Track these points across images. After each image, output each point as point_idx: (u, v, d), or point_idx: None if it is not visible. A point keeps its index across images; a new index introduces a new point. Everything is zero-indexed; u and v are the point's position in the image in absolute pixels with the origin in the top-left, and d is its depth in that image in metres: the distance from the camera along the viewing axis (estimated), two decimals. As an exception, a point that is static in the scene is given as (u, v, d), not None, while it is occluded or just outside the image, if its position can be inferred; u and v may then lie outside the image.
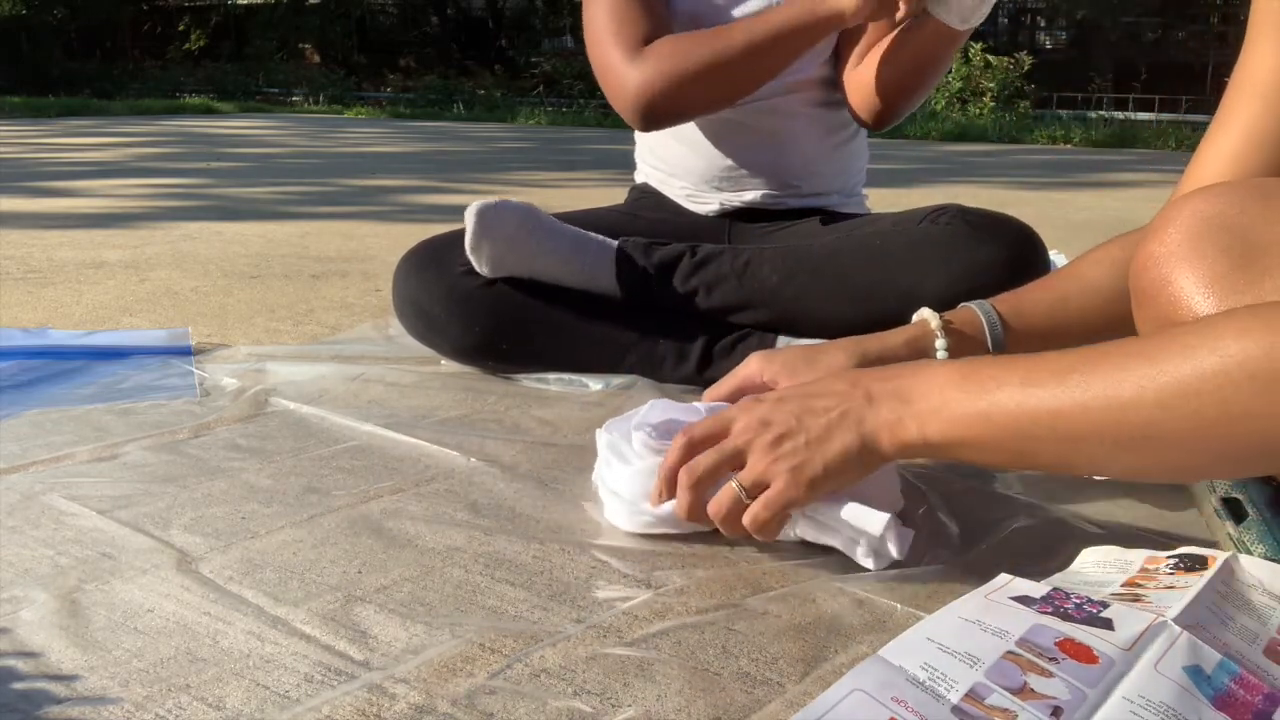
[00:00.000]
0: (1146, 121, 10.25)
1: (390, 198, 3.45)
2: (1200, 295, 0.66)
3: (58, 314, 1.59)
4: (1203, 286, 0.66)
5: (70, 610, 0.67)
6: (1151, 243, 0.70)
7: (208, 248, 2.28)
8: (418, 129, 9.00)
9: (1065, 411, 0.62)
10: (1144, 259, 0.70)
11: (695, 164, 1.38)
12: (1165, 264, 0.68)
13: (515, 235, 1.22)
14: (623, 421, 0.87)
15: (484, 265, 1.23)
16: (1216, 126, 0.79)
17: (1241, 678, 0.53)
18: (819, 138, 1.37)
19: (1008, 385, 0.64)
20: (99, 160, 4.89)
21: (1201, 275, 0.66)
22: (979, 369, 0.67)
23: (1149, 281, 0.69)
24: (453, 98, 13.41)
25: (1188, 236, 0.67)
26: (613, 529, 0.82)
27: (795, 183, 1.37)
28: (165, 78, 16.86)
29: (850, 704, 0.51)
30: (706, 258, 1.24)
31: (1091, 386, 0.61)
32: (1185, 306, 0.66)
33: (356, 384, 1.23)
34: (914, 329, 0.91)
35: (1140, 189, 4.41)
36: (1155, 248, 0.69)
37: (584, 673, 0.61)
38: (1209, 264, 0.66)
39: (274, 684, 0.59)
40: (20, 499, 0.86)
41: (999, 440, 0.65)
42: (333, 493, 0.89)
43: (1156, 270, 0.69)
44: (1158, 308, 0.69)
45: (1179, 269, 0.67)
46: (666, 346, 1.21)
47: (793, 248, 1.24)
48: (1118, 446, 0.61)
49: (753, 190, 1.38)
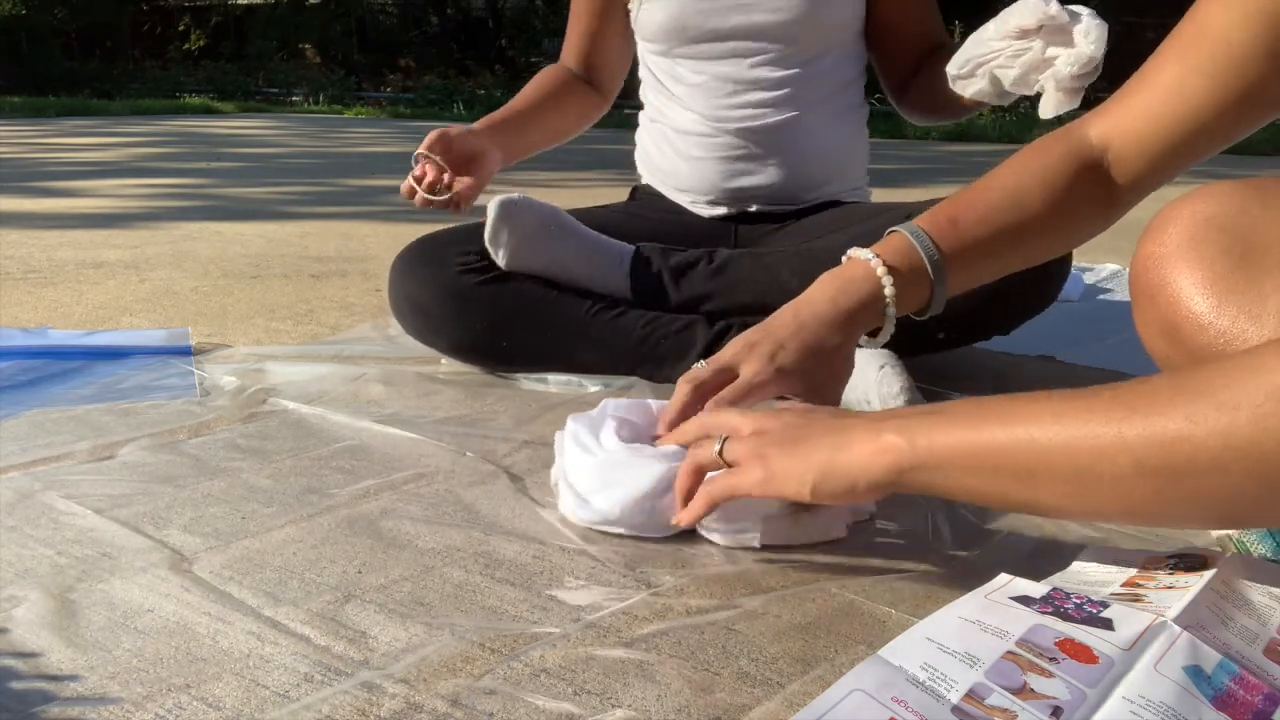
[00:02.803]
0: (1147, 122, 10.21)
1: (390, 198, 3.44)
2: (1200, 296, 0.66)
3: (58, 314, 1.59)
4: (1203, 287, 0.66)
5: (69, 610, 0.67)
6: (1151, 243, 0.70)
7: (208, 248, 2.28)
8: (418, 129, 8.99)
9: None
10: (1143, 260, 0.70)
11: (698, 182, 1.38)
12: (1165, 265, 0.68)
13: (536, 232, 1.23)
14: (585, 417, 0.89)
15: (502, 257, 1.23)
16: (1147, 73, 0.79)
17: (1241, 678, 0.53)
18: (830, 127, 1.36)
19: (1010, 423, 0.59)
20: (99, 160, 4.89)
21: (1201, 276, 0.66)
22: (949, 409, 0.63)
23: (1149, 282, 0.69)
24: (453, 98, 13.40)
25: (1187, 237, 0.67)
26: (612, 529, 0.82)
27: (803, 187, 1.37)
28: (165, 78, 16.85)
29: (850, 704, 0.51)
30: (725, 262, 1.25)
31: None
32: (1185, 307, 0.66)
33: (356, 384, 1.23)
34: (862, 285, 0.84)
35: (1140, 189, 4.40)
36: (1155, 248, 0.69)
37: (583, 673, 0.61)
38: (1209, 264, 0.66)
39: (273, 683, 0.59)
40: (19, 498, 0.86)
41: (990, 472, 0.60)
42: (332, 492, 0.89)
43: (1156, 271, 0.69)
44: (1157, 309, 0.69)
45: (1178, 269, 0.67)
46: (665, 347, 1.21)
47: (812, 250, 1.23)
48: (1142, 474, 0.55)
49: (759, 202, 1.37)
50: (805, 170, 1.36)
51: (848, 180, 1.41)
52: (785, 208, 1.37)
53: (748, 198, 1.37)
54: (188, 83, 16.24)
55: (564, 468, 0.86)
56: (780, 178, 1.35)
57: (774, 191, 1.36)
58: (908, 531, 0.83)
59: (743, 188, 1.36)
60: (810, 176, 1.37)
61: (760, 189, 1.36)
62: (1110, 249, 2.38)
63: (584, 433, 0.86)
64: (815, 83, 1.33)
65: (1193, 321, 0.66)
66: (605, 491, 0.81)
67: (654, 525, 0.80)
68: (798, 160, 1.35)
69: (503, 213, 1.22)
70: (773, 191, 1.36)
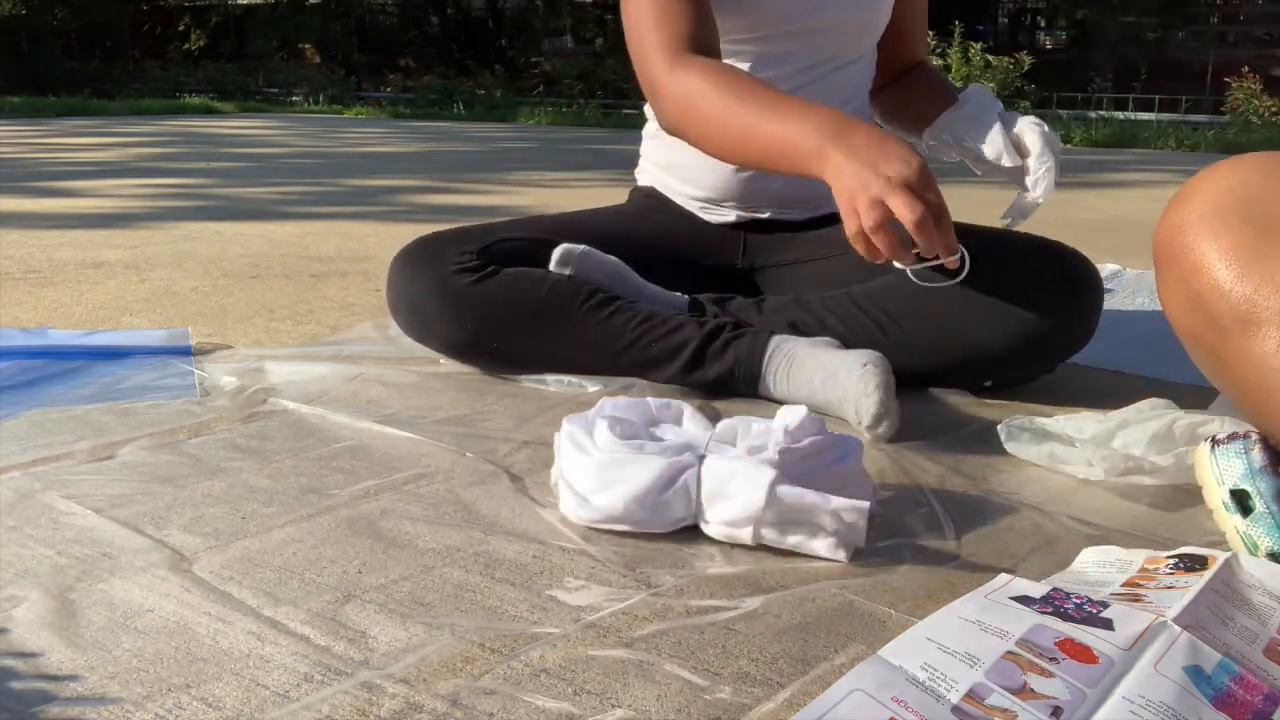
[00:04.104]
0: (1146, 121, 10.25)
1: (390, 198, 3.45)
2: (1223, 264, 0.66)
3: (58, 314, 1.59)
4: (1226, 255, 0.66)
5: (68, 610, 0.67)
6: (1175, 213, 0.70)
7: (208, 248, 2.28)
8: (418, 129, 9.00)
9: None
10: (1167, 229, 0.70)
11: (711, 179, 1.36)
12: (1188, 233, 0.68)
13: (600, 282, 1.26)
14: (580, 418, 0.89)
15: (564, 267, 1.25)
16: None
17: (1241, 678, 0.53)
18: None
19: None
20: (99, 160, 4.89)
21: (1224, 244, 0.66)
22: None
23: (1172, 251, 0.70)
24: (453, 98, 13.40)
25: (1210, 207, 0.67)
26: (612, 529, 0.82)
27: (816, 195, 1.36)
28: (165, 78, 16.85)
29: (850, 704, 0.51)
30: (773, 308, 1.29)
31: None
32: (1208, 275, 0.66)
33: (356, 384, 1.23)
34: None
35: (1140, 189, 4.40)
36: (1178, 217, 0.69)
37: (584, 673, 0.61)
38: (1232, 233, 0.66)
39: (273, 683, 0.59)
40: (19, 498, 0.86)
41: None
42: (331, 492, 0.89)
43: (1180, 240, 0.69)
44: (1180, 276, 0.69)
45: (1201, 238, 0.67)
46: (657, 349, 1.20)
47: (854, 298, 1.24)
48: None
49: (770, 207, 1.36)
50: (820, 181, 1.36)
51: None
52: (795, 216, 1.37)
53: (761, 201, 1.36)
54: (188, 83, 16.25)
55: (562, 468, 0.86)
56: (794, 184, 1.35)
57: (789, 195, 1.35)
58: (907, 531, 0.83)
59: (757, 189, 1.35)
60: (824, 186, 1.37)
61: (774, 193, 1.35)
62: (1108, 249, 2.38)
63: (579, 433, 0.86)
64: (835, 87, 1.33)
65: (1215, 289, 0.67)
66: (606, 490, 0.81)
67: (657, 521, 0.80)
68: None
69: (562, 260, 1.24)
70: (787, 195, 1.35)
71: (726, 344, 1.18)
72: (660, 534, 0.81)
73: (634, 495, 0.79)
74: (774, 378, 1.15)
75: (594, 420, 0.88)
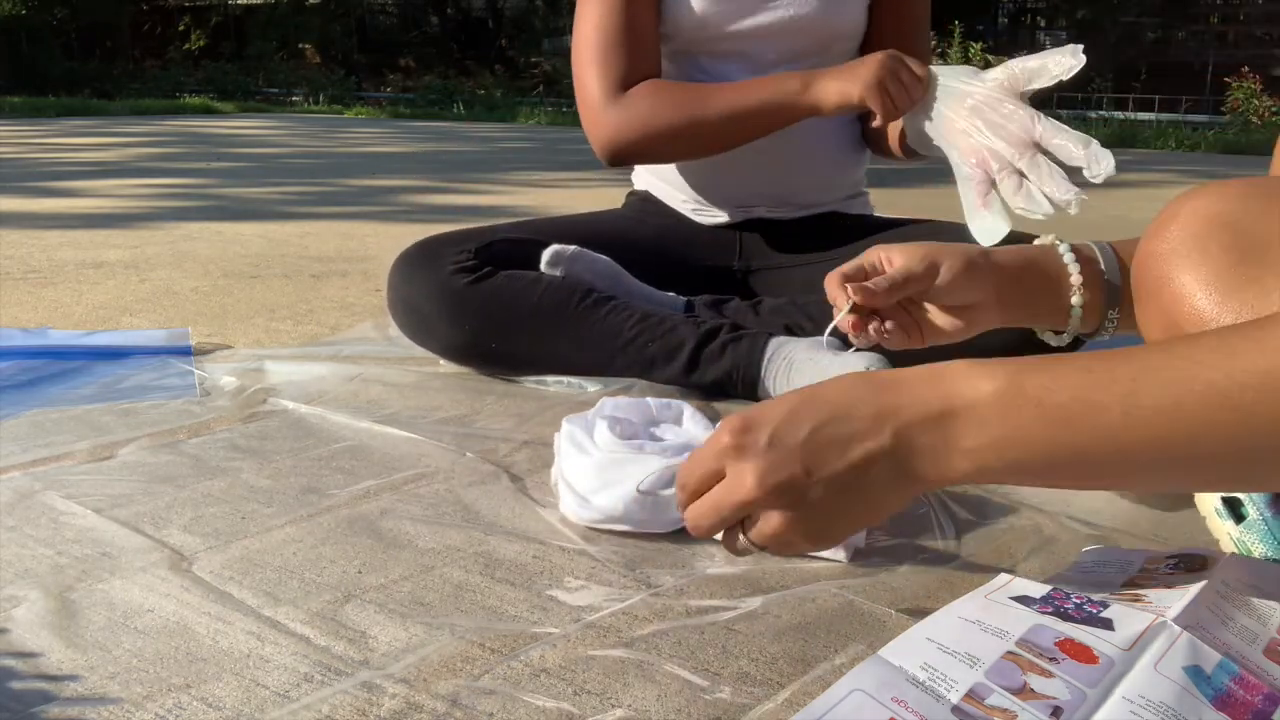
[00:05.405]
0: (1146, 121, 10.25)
1: (390, 198, 3.45)
2: (1203, 293, 0.65)
3: (58, 314, 1.59)
4: (1205, 284, 0.65)
5: (68, 610, 0.67)
6: (1153, 241, 0.69)
7: (208, 248, 2.28)
8: (418, 129, 9.00)
9: None
10: (1145, 257, 0.70)
11: (700, 180, 1.37)
12: (1167, 262, 0.68)
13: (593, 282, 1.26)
14: (580, 418, 0.89)
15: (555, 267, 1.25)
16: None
17: (1241, 678, 0.53)
18: (832, 134, 1.36)
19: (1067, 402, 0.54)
20: (99, 160, 4.89)
21: (1204, 273, 0.66)
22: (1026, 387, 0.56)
23: (1151, 280, 0.69)
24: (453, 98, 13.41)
25: (1189, 234, 0.67)
26: (612, 529, 0.82)
27: (806, 192, 1.36)
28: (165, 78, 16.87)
29: (850, 704, 0.51)
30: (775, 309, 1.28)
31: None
32: (1188, 304, 0.66)
33: (356, 384, 1.23)
34: (1035, 251, 0.82)
35: (1141, 189, 4.40)
36: (1157, 246, 0.69)
37: (583, 672, 0.61)
38: (1211, 262, 0.66)
39: (273, 683, 0.59)
40: (19, 498, 0.86)
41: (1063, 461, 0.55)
42: (332, 493, 0.89)
43: (1159, 269, 0.68)
44: (1160, 306, 0.68)
45: (1181, 267, 0.67)
46: (656, 348, 1.20)
47: None
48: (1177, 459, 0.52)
49: (762, 205, 1.37)
50: (809, 175, 1.36)
51: (849, 187, 1.42)
52: (788, 215, 1.37)
53: (751, 201, 1.36)
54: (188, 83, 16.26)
55: (562, 468, 0.86)
56: (784, 182, 1.35)
57: (778, 196, 1.36)
58: (907, 531, 0.83)
59: (744, 192, 1.35)
60: (813, 181, 1.37)
61: (763, 194, 1.35)
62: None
63: (579, 433, 0.86)
64: None
65: (1195, 319, 0.66)
66: (606, 490, 0.81)
67: (658, 520, 0.80)
68: (803, 164, 1.35)
69: (552, 260, 1.24)
70: (777, 196, 1.36)
71: (724, 346, 1.18)
72: (660, 534, 0.81)
73: (634, 495, 0.79)
74: (773, 381, 1.15)
75: (594, 420, 0.88)
